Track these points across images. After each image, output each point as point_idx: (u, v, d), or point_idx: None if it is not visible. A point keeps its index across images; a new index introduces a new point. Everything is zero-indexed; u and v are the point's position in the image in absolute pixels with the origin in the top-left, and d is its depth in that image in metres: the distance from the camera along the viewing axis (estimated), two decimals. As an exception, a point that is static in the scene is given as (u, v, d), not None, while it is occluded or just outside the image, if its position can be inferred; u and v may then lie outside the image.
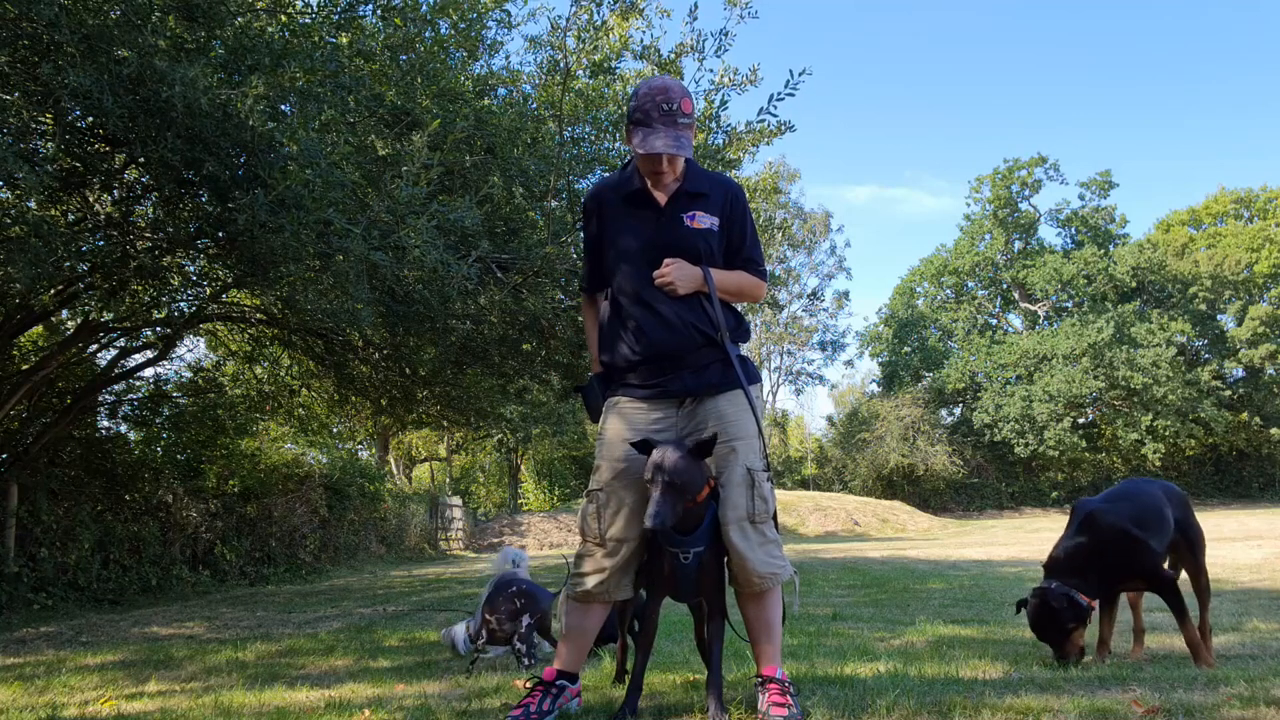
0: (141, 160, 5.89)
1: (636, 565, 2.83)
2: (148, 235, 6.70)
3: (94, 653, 5.19)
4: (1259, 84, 61.60)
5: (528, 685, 3.00)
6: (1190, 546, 3.86)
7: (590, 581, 2.79)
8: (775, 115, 6.62)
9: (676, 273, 2.76)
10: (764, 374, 43.32)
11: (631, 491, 2.76)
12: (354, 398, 11.71)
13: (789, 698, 2.70)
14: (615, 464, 2.78)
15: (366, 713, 3.03)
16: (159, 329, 9.63)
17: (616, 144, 7.23)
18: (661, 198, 2.82)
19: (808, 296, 43.55)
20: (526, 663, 3.97)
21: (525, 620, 4.05)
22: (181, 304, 8.79)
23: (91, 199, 6.62)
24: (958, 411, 41.31)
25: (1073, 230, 41.77)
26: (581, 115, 7.15)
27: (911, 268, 45.07)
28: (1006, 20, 65.51)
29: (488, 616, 4.13)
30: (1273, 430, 36.71)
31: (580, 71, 6.85)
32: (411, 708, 3.08)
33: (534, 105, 7.30)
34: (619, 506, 2.76)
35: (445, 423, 13.99)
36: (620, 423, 2.82)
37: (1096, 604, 3.71)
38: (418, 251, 5.30)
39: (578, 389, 3.07)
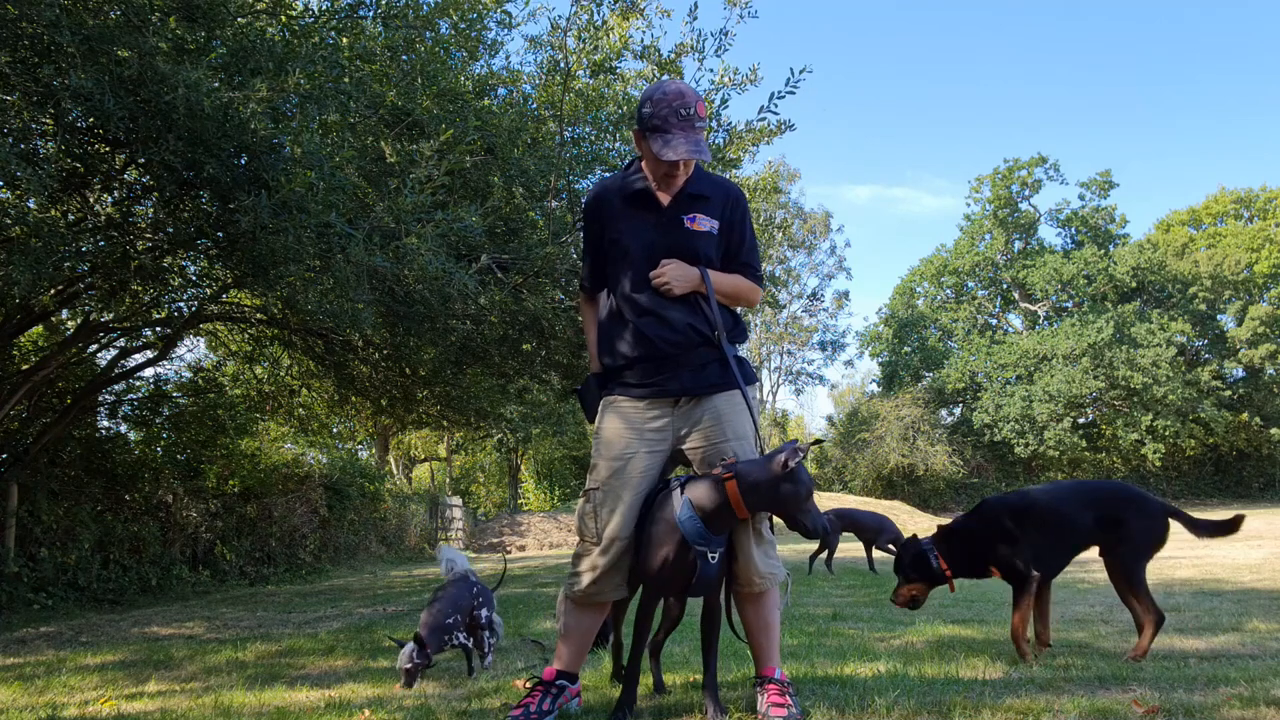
0: (142, 161, 5.90)
1: (628, 564, 2.83)
2: (148, 236, 6.70)
3: (94, 653, 5.19)
4: (1259, 84, 61.55)
5: (527, 685, 3.01)
6: (1116, 544, 3.81)
7: (585, 580, 2.80)
8: (776, 114, 6.63)
9: (673, 272, 2.77)
10: (764, 374, 43.30)
11: (629, 489, 2.76)
12: (354, 398, 11.71)
13: (788, 698, 2.70)
14: (613, 462, 2.79)
15: (366, 713, 3.03)
16: (159, 329, 9.63)
17: (616, 144, 7.23)
18: (664, 198, 2.84)
19: (808, 296, 43.52)
20: (487, 649, 3.89)
21: (485, 613, 3.93)
22: (181, 304, 8.79)
23: (92, 199, 6.62)
24: (958, 411, 41.29)
25: (1073, 230, 41.74)
26: (581, 115, 7.15)
27: (911, 268, 45.06)
28: (1006, 20, 65.49)
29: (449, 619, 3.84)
30: (1273, 430, 36.69)
31: (580, 71, 6.85)
32: (411, 708, 3.08)
33: (534, 105, 7.30)
34: (615, 505, 2.76)
35: (445, 423, 13.99)
36: (618, 420, 2.82)
37: (951, 574, 3.97)
38: (422, 259, 5.29)
39: (575, 391, 3.08)
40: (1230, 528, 3.92)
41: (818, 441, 3.21)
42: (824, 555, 9.56)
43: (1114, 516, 3.85)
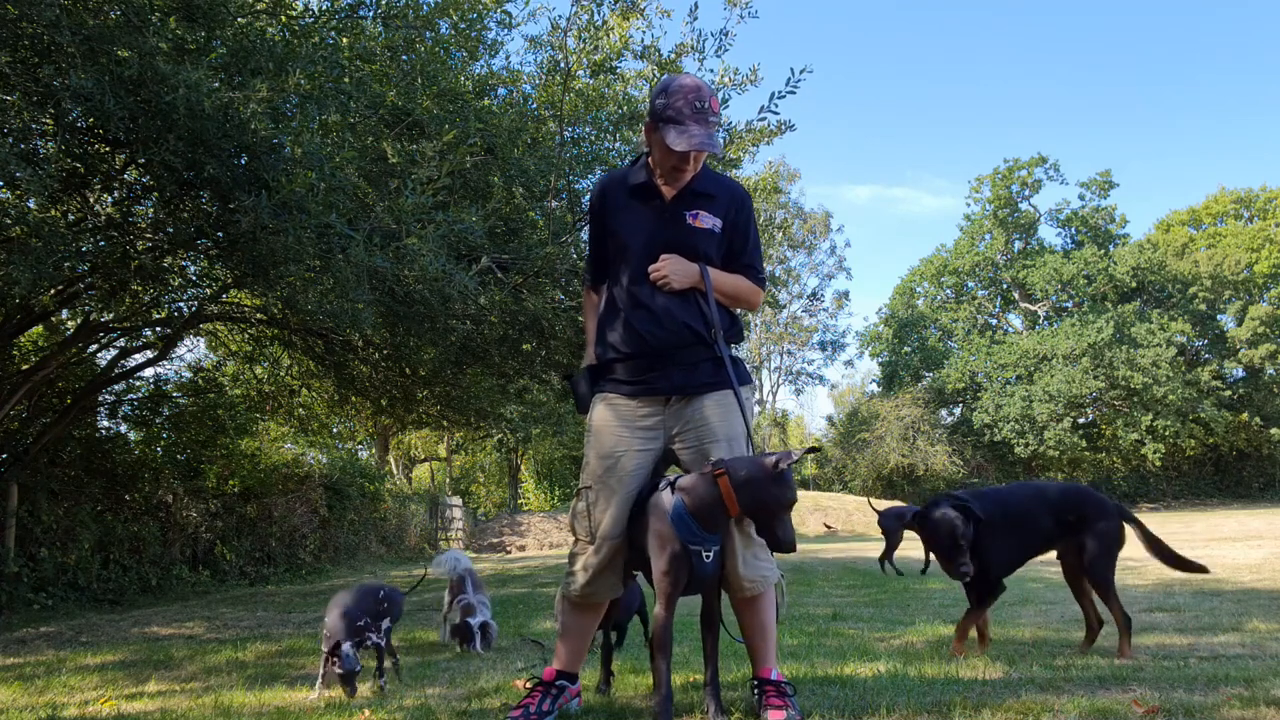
0: (142, 161, 5.90)
1: (622, 563, 2.82)
2: (148, 236, 6.70)
3: (94, 653, 5.19)
4: (1259, 84, 61.60)
5: (527, 685, 3.01)
6: (1079, 549, 3.87)
7: (580, 580, 2.79)
8: (776, 114, 6.61)
9: (672, 267, 2.75)
10: (764, 374, 43.30)
11: (622, 484, 2.74)
12: (354, 398, 11.70)
13: (786, 699, 2.70)
14: (604, 459, 2.77)
15: (366, 713, 3.03)
16: (159, 329, 9.63)
17: (616, 144, 7.23)
18: (668, 192, 2.81)
19: (808, 297, 43.57)
20: (388, 661, 3.74)
21: (385, 624, 3.75)
22: (181, 304, 8.79)
23: (92, 200, 6.62)
24: (958, 411, 41.28)
25: (1073, 230, 41.75)
26: (581, 115, 7.15)
27: (911, 268, 45.07)
28: (1006, 20, 65.52)
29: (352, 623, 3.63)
30: (1273, 430, 36.69)
31: (580, 71, 6.84)
32: (411, 708, 3.08)
33: (534, 105, 7.30)
34: (608, 504, 2.75)
35: (445, 423, 13.98)
36: (610, 416, 2.81)
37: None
38: (423, 259, 5.29)
39: (567, 378, 3.05)
40: (1191, 568, 3.96)
41: (813, 449, 3.16)
42: (890, 554, 9.40)
43: (1077, 518, 3.87)
